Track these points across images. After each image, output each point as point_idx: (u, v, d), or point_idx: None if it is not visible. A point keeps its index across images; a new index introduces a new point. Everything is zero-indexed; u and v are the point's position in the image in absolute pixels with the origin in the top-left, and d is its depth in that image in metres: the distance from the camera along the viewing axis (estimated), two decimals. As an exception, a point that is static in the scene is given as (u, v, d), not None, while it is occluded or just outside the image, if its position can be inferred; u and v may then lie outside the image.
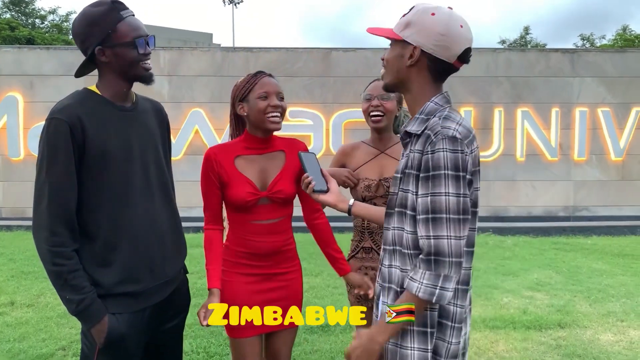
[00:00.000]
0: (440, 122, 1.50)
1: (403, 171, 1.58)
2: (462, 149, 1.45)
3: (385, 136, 2.43)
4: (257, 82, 2.15)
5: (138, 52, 1.80)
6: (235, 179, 2.13)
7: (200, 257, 6.52)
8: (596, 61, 10.36)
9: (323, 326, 4.19)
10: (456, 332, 1.56)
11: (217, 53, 10.60)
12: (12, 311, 4.74)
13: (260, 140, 2.20)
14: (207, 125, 10.11)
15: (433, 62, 1.55)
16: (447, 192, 1.44)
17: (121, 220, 1.79)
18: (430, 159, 1.46)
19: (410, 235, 1.55)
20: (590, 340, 4.07)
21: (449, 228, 1.44)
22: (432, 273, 1.45)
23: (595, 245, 8.24)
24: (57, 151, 1.69)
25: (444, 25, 1.51)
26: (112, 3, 1.78)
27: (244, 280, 2.17)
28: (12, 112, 9.96)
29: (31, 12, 33.99)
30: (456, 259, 1.45)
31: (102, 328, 1.73)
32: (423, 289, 1.46)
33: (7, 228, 9.34)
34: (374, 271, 2.34)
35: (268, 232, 2.16)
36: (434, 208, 1.45)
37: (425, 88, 1.60)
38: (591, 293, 5.38)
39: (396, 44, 1.62)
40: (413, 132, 1.57)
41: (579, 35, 39.61)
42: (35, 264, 6.29)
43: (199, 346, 3.84)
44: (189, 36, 50.46)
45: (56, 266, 1.69)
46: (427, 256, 1.46)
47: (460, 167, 1.44)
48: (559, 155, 10.31)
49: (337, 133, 10.07)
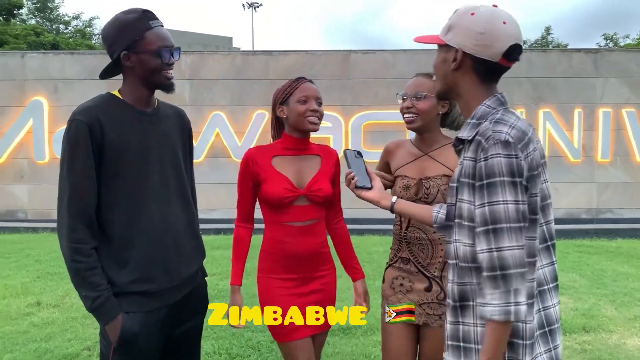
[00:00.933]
0: (492, 127, 1.44)
1: (458, 180, 1.52)
2: (516, 153, 1.38)
3: (428, 137, 2.22)
4: (298, 87, 2.21)
5: (162, 61, 1.86)
6: (272, 176, 2.18)
7: (221, 259, 6.61)
8: (620, 61, 10.20)
9: (344, 328, 4.20)
10: (528, 349, 1.47)
11: (237, 57, 10.70)
12: (38, 311, 4.83)
13: (298, 142, 2.25)
14: (228, 128, 10.20)
15: (477, 62, 1.50)
16: (506, 199, 1.37)
17: (136, 220, 1.84)
18: (483, 167, 1.40)
19: (469, 248, 1.48)
20: (617, 345, 4.00)
21: (511, 238, 1.37)
22: (501, 291, 1.36)
23: (620, 248, 8.09)
24: (77, 151, 1.75)
25: (483, 24, 1.46)
26: (144, 12, 1.87)
27: (280, 284, 2.21)
28: (38, 116, 10.17)
29: (55, 18, 34.62)
30: (521, 270, 1.37)
31: (116, 326, 1.77)
32: (498, 311, 1.36)
33: (33, 230, 9.54)
34: (410, 283, 2.19)
35: (303, 234, 2.20)
36: (494, 218, 1.38)
37: (475, 91, 1.54)
38: (617, 297, 5.28)
39: (440, 48, 1.59)
40: (464, 138, 1.51)
41: (602, 35, 38.91)
42: (60, 265, 6.40)
43: (220, 347, 3.87)
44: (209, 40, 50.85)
45: (75, 262, 1.74)
46: (492, 272, 1.38)
47: (515, 172, 1.38)
48: (582, 157, 10.16)
49: (356, 135, 10.07)
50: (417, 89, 2.17)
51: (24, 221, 10.17)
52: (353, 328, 4.24)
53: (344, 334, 4.16)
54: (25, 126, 10.18)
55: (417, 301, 2.17)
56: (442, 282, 2.15)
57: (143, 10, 1.87)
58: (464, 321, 1.51)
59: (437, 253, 2.15)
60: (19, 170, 10.28)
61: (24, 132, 10.19)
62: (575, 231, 9.34)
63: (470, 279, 1.49)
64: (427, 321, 2.15)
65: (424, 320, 2.16)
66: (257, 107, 10.14)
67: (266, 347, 3.87)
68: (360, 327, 4.22)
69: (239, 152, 10.02)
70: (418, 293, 2.17)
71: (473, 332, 1.49)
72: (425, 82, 2.18)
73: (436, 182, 2.14)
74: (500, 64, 1.50)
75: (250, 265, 2.30)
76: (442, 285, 2.15)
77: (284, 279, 2.21)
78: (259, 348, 3.88)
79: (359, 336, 4.12)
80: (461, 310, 1.52)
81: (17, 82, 10.23)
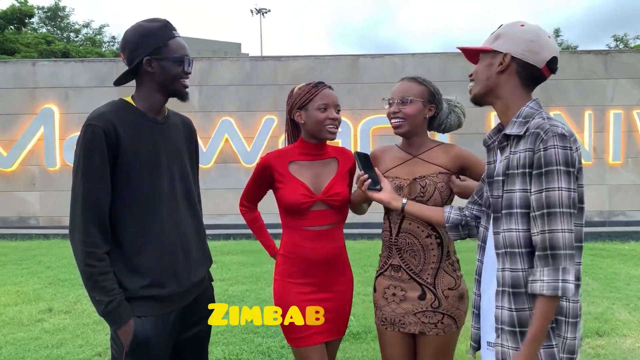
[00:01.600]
0: (547, 122, 1.57)
1: (505, 173, 1.64)
2: (570, 145, 1.52)
3: (416, 141, 2.21)
4: (318, 94, 2.20)
5: (183, 69, 1.91)
6: (289, 182, 2.20)
7: (231, 264, 6.64)
8: (630, 62, 10.13)
9: (354, 333, 4.18)
10: (571, 327, 1.58)
11: (245, 62, 10.73)
12: (50, 318, 4.85)
13: (315, 147, 2.26)
14: (237, 133, 10.23)
15: (523, 67, 1.64)
16: (560, 186, 1.50)
17: (147, 226, 1.86)
18: (542, 156, 1.52)
19: (522, 233, 1.59)
20: (631, 349, 3.95)
21: (563, 222, 1.49)
22: (550, 268, 1.49)
23: (634, 251, 8.01)
24: (92, 155, 1.77)
25: (534, 34, 1.63)
26: (166, 22, 1.92)
27: (297, 289, 2.22)
28: (49, 124, 10.26)
29: (66, 27, 34.99)
30: (570, 251, 1.49)
31: (128, 330, 1.79)
32: (547, 286, 1.48)
33: (44, 236, 9.61)
34: (403, 292, 2.16)
35: (321, 239, 2.21)
36: (549, 203, 1.50)
37: (516, 93, 1.68)
38: (630, 300, 5.22)
39: (486, 55, 1.71)
40: (514, 134, 1.63)
41: (611, 36, 38.64)
42: (72, 272, 6.45)
43: (231, 353, 3.87)
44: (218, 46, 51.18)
45: (88, 267, 1.76)
46: (544, 251, 1.50)
47: (570, 162, 1.51)
48: (593, 159, 10.08)
49: (365, 139, 10.06)
50: (403, 93, 2.16)
51: (36, 228, 10.24)
52: (364, 333, 4.22)
53: (355, 339, 4.14)
54: (37, 134, 10.28)
55: (412, 310, 2.14)
56: (435, 289, 2.13)
57: (167, 20, 1.93)
58: (518, 307, 1.58)
59: (430, 259, 2.13)
60: (30, 177, 10.37)
61: (35, 139, 10.29)
62: (588, 234, 9.22)
63: (522, 264, 1.58)
64: (422, 330, 2.13)
65: (419, 329, 2.13)
66: (266, 113, 10.17)
67: (276, 353, 3.86)
68: (371, 332, 4.20)
69: (248, 158, 10.05)
70: (412, 302, 2.14)
71: (530, 316, 1.56)
72: (410, 86, 2.17)
73: (432, 180, 2.12)
74: (542, 71, 1.65)
75: (260, 271, 2.31)
76: (436, 292, 2.12)
77: (301, 284, 2.22)
78: (269, 353, 3.87)
79: (369, 341, 4.10)
80: (514, 297, 1.59)
81: (28, 90, 10.34)
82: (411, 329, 2.14)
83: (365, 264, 6.67)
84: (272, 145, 9.98)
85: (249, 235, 8.77)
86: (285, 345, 3.92)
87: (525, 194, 1.58)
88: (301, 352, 2.21)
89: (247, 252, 7.90)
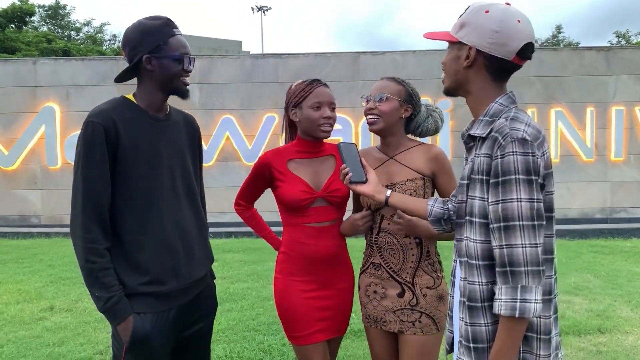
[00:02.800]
0: (508, 124, 1.43)
1: (469, 177, 1.53)
2: (532, 151, 1.38)
3: (392, 140, 2.22)
4: (312, 91, 2.18)
5: (183, 67, 1.91)
6: (288, 179, 2.19)
7: (232, 262, 6.64)
8: (632, 58, 10.08)
9: (356, 331, 4.17)
10: (544, 344, 1.47)
11: (246, 60, 10.71)
12: (51, 316, 4.86)
13: (312, 145, 2.25)
14: (238, 131, 10.22)
15: (490, 60, 1.51)
16: (520, 197, 1.37)
17: (147, 223, 1.87)
18: (499, 164, 1.40)
19: (479, 244, 1.49)
20: (633, 346, 3.94)
21: (523, 236, 1.37)
22: (509, 286, 1.38)
23: (635, 247, 7.99)
24: (93, 152, 1.78)
25: (498, 22, 1.46)
26: (167, 19, 1.92)
27: (298, 287, 2.21)
28: (50, 122, 10.26)
29: (67, 25, 35.02)
30: (533, 268, 1.37)
31: (127, 326, 1.80)
32: (504, 305, 1.37)
33: (45, 235, 9.62)
34: (383, 290, 2.17)
35: (322, 235, 2.20)
36: (506, 215, 1.38)
37: (487, 89, 1.55)
38: (632, 297, 5.21)
39: (453, 46, 1.58)
40: (478, 135, 1.51)
41: (613, 33, 38.54)
42: (73, 270, 6.45)
43: (232, 351, 3.87)
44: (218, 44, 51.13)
45: (88, 263, 1.77)
46: (502, 267, 1.39)
47: (532, 170, 1.37)
48: (595, 156, 10.06)
49: (366, 137, 10.04)
50: (380, 90, 2.17)
51: (37, 226, 10.25)
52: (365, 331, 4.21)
53: (356, 336, 4.14)
54: (38, 132, 10.27)
55: (392, 308, 2.15)
56: (414, 287, 2.13)
57: (168, 18, 1.93)
58: (473, 322, 1.50)
59: (409, 258, 2.13)
60: (32, 176, 10.37)
61: (36, 138, 10.28)
62: (589, 231, 9.24)
63: (479, 278, 1.49)
64: (401, 328, 2.13)
65: (398, 327, 2.14)
66: (267, 110, 10.16)
67: (277, 351, 3.86)
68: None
69: (250, 156, 10.04)
70: (391, 299, 2.15)
71: (485, 332, 1.48)
72: (388, 84, 2.19)
73: (401, 188, 2.12)
74: (513, 62, 1.50)
75: (261, 269, 2.30)
76: (414, 290, 2.13)
77: (303, 281, 2.21)
78: (270, 351, 3.86)
79: (371, 339, 4.09)
80: (469, 311, 1.51)
81: (29, 89, 10.33)
82: (391, 327, 2.16)
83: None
84: (273, 143, 9.97)
85: (250, 233, 8.78)
86: (286, 343, 3.92)
87: (484, 203, 1.46)
88: (302, 350, 2.20)
89: (248, 250, 7.90)
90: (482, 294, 1.48)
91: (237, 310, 4.88)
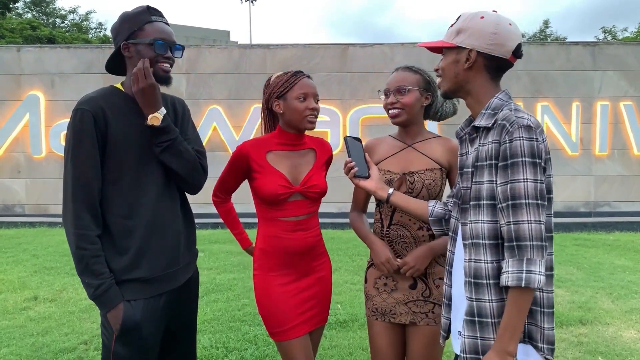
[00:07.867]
0: (514, 113, 1.57)
1: (474, 165, 1.65)
2: (536, 137, 1.52)
3: (413, 129, 2.21)
4: (297, 83, 2.16)
5: (158, 52, 1.90)
6: (267, 172, 2.17)
7: (219, 253, 6.62)
8: (618, 54, 10.19)
9: (341, 322, 4.19)
10: (547, 317, 1.59)
11: (234, 50, 10.64)
12: (35, 306, 4.83)
13: (293, 137, 2.23)
14: (225, 122, 10.18)
15: (490, 60, 1.66)
16: (526, 178, 1.50)
17: (136, 209, 1.88)
18: (508, 148, 1.53)
19: (486, 224, 1.59)
20: (613, 337, 4.01)
21: (529, 213, 1.49)
22: (516, 259, 1.49)
23: (618, 241, 8.11)
24: (82, 139, 1.80)
25: (495, 25, 1.63)
26: (148, 8, 1.94)
27: (279, 281, 2.19)
28: (34, 111, 10.13)
29: (52, 12, 34.45)
30: (538, 242, 1.48)
31: (117, 314, 1.81)
32: (510, 277, 1.48)
33: (30, 224, 9.53)
34: (394, 282, 2.18)
35: (298, 229, 2.19)
36: (514, 194, 1.50)
37: (486, 87, 1.69)
38: (613, 290, 5.30)
39: (450, 51, 1.71)
40: (482, 126, 1.64)
41: (600, 28, 38.91)
42: (57, 260, 6.39)
43: (217, 341, 3.87)
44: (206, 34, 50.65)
45: (79, 249, 1.78)
46: (510, 242, 1.50)
47: (536, 154, 1.51)
48: (580, 150, 10.17)
49: (354, 129, 10.05)
50: (400, 83, 2.16)
51: (21, 216, 10.15)
52: (350, 322, 4.24)
53: (342, 327, 4.16)
54: (22, 121, 10.15)
55: (403, 300, 2.15)
56: (427, 279, 2.14)
57: (148, 6, 1.94)
58: (478, 297, 1.59)
59: None
60: (15, 165, 10.25)
61: (20, 126, 10.16)
62: (573, 224, 9.36)
63: (485, 256, 1.59)
64: (413, 320, 2.14)
65: (410, 319, 2.14)
66: (254, 101, 10.12)
67: (263, 341, 3.87)
68: (357, 321, 4.22)
69: (237, 146, 10.00)
70: (403, 291, 2.15)
71: (489, 308, 1.57)
72: (406, 75, 2.18)
73: (420, 177, 2.12)
74: (509, 61, 1.67)
75: (247, 260, 2.30)
76: (427, 282, 2.14)
77: (281, 275, 2.20)
78: (255, 341, 3.88)
79: (356, 329, 4.12)
80: (475, 287, 1.60)
81: (13, 77, 10.19)
82: (402, 319, 2.15)
83: (353, 253, 6.66)
84: (261, 134, 9.92)
85: (237, 224, 8.75)
86: (272, 333, 3.93)
87: (492, 186, 1.58)
88: (284, 346, 2.17)
89: (234, 241, 7.83)
90: (487, 271, 1.58)
91: (223, 301, 4.88)
